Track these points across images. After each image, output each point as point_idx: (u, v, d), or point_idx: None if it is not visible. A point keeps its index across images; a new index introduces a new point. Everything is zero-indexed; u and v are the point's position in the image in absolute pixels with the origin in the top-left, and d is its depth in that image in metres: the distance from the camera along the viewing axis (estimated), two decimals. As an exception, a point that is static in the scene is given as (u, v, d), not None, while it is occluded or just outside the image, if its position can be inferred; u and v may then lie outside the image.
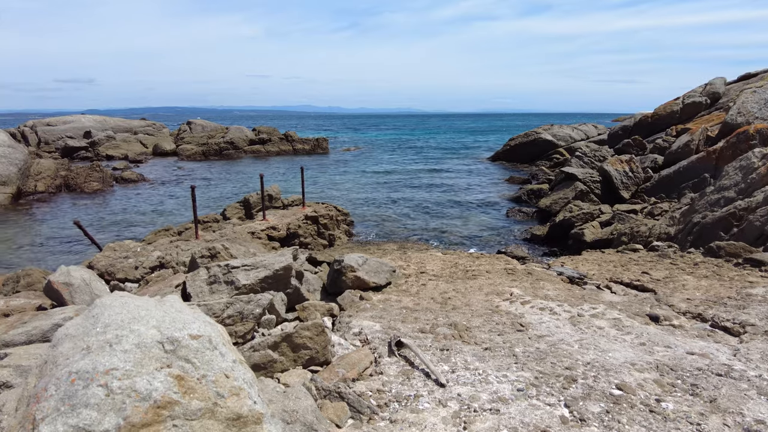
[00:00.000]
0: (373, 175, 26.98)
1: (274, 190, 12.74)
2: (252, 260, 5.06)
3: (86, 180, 21.36)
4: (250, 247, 7.55)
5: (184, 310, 2.19)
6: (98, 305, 2.41)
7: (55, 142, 35.48)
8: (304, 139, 40.58)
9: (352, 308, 5.36)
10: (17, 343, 4.56)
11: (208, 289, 4.83)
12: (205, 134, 40.01)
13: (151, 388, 1.66)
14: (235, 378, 1.88)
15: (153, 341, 1.79)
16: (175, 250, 7.01)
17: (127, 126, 40.81)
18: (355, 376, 3.32)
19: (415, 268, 7.73)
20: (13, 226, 15.61)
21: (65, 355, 1.80)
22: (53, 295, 5.69)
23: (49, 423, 1.51)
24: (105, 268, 6.29)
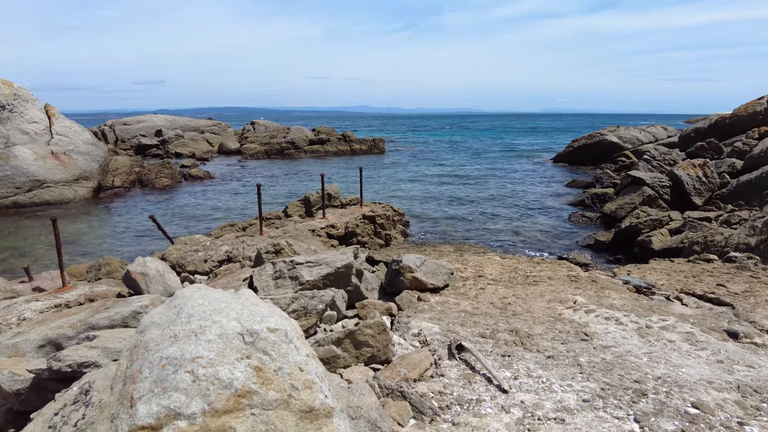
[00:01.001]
0: (429, 175, 26.91)
1: (333, 189, 12.99)
2: (315, 257, 5.19)
3: (157, 176, 22.66)
4: (311, 244, 7.75)
5: (260, 304, 2.29)
6: (179, 296, 2.56)
7: (130, 140, 37.89)
8: (362, 140, 41.06)
9: (410, 309, 5.38)
10: (101, 326, 4.92)
11: (274, 284, 5.01)
12: (267, 134, 41.38)
13: (232, 377, 1.75)
14: (308, 372, 1.95)
15: (234, 333, 1.89)
16: (241, 245, 7.31)
17: (195, 125, 42.89)
18: (416, 377, 3.34)
19: (472, 272, 7.65)
20: (94, 218, 16.83)
21: (155, 341, 1.94)
22: (131, 284, 6.10)
23: (145, 402, 1.63)
24: (176, 260, 6.66)
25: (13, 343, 4.72)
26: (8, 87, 19.47)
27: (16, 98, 19.32)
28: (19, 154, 18.14)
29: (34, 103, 20.12)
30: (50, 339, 4.81)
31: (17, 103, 19.27)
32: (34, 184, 18.14)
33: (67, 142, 20.00)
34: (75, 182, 19.29)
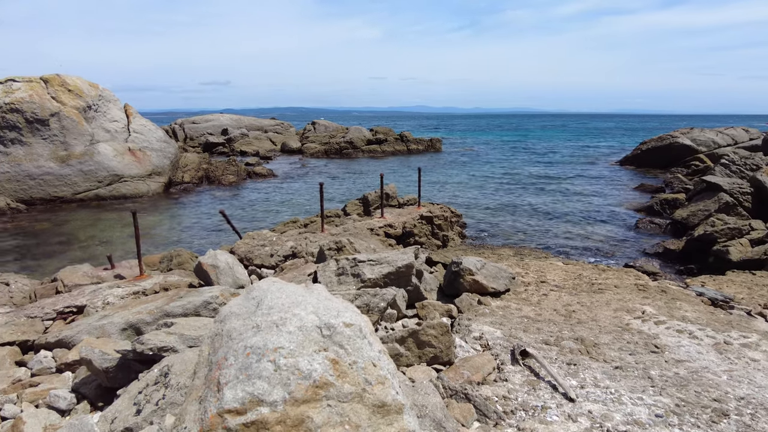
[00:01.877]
0: (487, 176, 26.50)
1: (391, 189, 13.09)
2: (376, 256, 5.27)
3: (224, 173, 23.70)
4: (370, 242, 7.85)
5: (333, 299, 2.37)
6: (257, 288, 2.69)
7: (198, 138, 39.84)
8: (418, 139, 41.04)
9: (470, 312, 5.35)
10: (176, 314, 5.24)
11: (337, 280, 5.13)
12: (327, 134, 42.25)
13: (311, 369, 1.83)
14: (381, 367, 2.00)
15: (312, 326, 1.97)
16: (304, 241, 7.53)
17: (259, 125, 44.47)
18: (480, 380, 3.32)
19: (534, 277, 7.48)
20: (165, 211, 17.86)
21: (238, 330, 2.05)
22: (202, 275, 6.44)
23: (231, 388, 1.74)
24: (244, 254, 6.97)
25: (100, 325, 5.12)
26: (94, 88, 21.02)
27: (100, 99, 20.83)
28: (101, 150, 19.54)
29: (116, 103, 21.60)
30: (131, 323, 5.18)
31: (101, 103, 20.77)
32: (113, 179, 19.49)
33: (143, 139, 21.33)
34: (148, 177, 20.54)
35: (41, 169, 18.38)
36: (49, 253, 12.88)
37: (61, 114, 18.93)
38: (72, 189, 18.73)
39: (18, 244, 13.89)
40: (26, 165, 18.22)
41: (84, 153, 19.15)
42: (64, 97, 19.61)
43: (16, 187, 18.00)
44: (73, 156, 18.94)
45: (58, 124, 18.83)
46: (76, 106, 19.65)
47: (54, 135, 18.77)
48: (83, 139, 19.30)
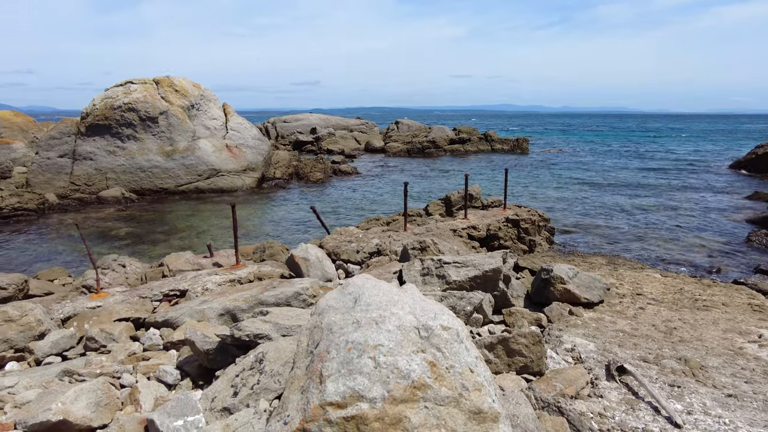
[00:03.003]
0: (577, 179, 25.23)
1: (475, 190, 12.87)
2: (462, 258, 5.21)
3: (311, 170, 24.61)
4: (453, 244, 7.78)
5: (427, 300, 2.36)
6: (352, 284, 2.76)
7: (288, 136, 41.70)
8: (504, 139, 40.01)
9: (560, 322, 5.12)
10: (269, 303, 5.52)
11: (422, 280, 5.14)
12: (410, 133, 42.46)
13: (409, 369, 1.84)
14: (478, 374, 1.97)
15: (411, 326, 1.98)
16: (388, 239, 7.62)
17: (345, 124, 45.67)
18: (573, 394, 3.17)
19: (629, 288, 7.02)
20: (257, 205, 18.89)
21: (338, 324, 2.11)
22: (293, 267, 6.73)
23: (333, 381, 1.79)
24: (332, 249, 7.19)
25: (201, 309, 5.52)
26: (197, 88, 22.71)
27: (202, 98, 22.45)
28: (201, 146, 21.07)
29: (215, 103, 23.17)
30: (228, 309, 5.53)
31: (202, 102, 22.39)
32: (211, 173, 20.93)
33: (239, 137, 22.69)
34: (243, 172, 21.82)
35: (150, 162, 20.17)
36: (154, 240, 14.10)
37: (169, 112, 20.65)
38: (175, 181, 20.38)
39: (129, 230, 15.36)
40: (138, 158, 20.09)
41: (186, 148, 20.75)
42: (171, 96, 21.38)
43: (130, 179, 19.91)
44: (177, 151, 20.59)
45: (165, 121, 20.56)
46: (181, 105, 21.35)
47: (162, 131, 20.53)
48: (186, 135, 20.92)
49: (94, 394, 3.57)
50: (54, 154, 19.72)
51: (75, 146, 19.80)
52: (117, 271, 7.47)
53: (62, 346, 5.30)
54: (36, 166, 19.56)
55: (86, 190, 19.28)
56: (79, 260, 12.22)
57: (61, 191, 19.00)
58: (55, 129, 20.47)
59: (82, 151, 19.71)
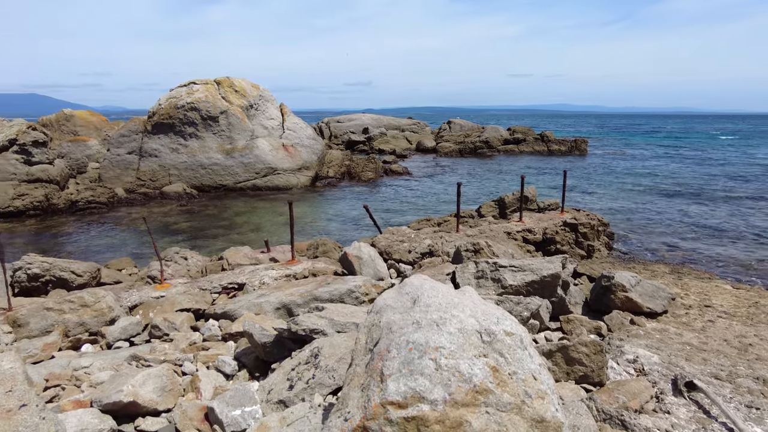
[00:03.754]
0: (640, 183, 24.08)
1: (531, 192, 12.56)
2: (519, 262, 5.09)
3: (363, 170, 24.84)
4: (508, 247, 7.62)
5: (488, 304, 2.32)
6: (408, 284, 2.75)
7: (341, 136, 42.29)
8: (561, 140, 38.80)
9: (621, 331, 4.90)
10: (323, 299, 5.62)
11: (476, 283, 5.06)
12: (462, 133, 42.01)
13: (471, 373, 1.81)
14: (541, 381, 1.91)
15: (473, 329, 1.95)
16: (440, 240, 7.57)
17: (397, 124, 45.80)
18: (637, 408, 3.02)
19: (696, 299, 6.62)
20: (310, 203, 19.28)
21: (398, 324, 2.11)
22: (346, 265, 6.81)
23: (395, 380, 1.79)
24: (384, 248, 7.23)
25: (258, 303, 5.70)
26: (256, 89, 23.44)
27: (260, 98, 23.16)
28: (259, 145, 21.73)
29: (273, 103, 23.84)
30: (284, 303, 5.67)
31: (261, 103, 23.08)
32: (268, 171, 21.55)
33: (294, 136, 23.24)
34: (298, 171, 22.33)
35: (210, 159, 21.02)
36: (213, 235, 14.68)
37: (229, 112, 21.43)
38: (234, 178, 21.13)
39: (190, 225, 16.07)
40: (199, 156, 20.99)
41: (245, 147, 21.47)
42: (231, 97, 22.18)
43: (191, 175, 20.83)
44: (236, 149, 21.34)
45: (225, 120, 21.35)
46: (240, 105, 22.11)
47: (222, 130, 21.33)
48: (245, 134, 21.64)
49: (159, 379, 3.75)
50: (123, 151, 20.94)
51: (142, 144, 20.94)
52: (179, 264, 7.83)
53: (130, 332, 5.61)
54: (107, 162, 20.84)
55: (151, 186, 20.35)
56: (144, 252, 12.91)
57: (129, 186, 20.15)
58: (124, 127, 21.74)
59: (148, 149, 20.81)
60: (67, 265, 7.42)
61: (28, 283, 7.31)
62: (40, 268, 7.29)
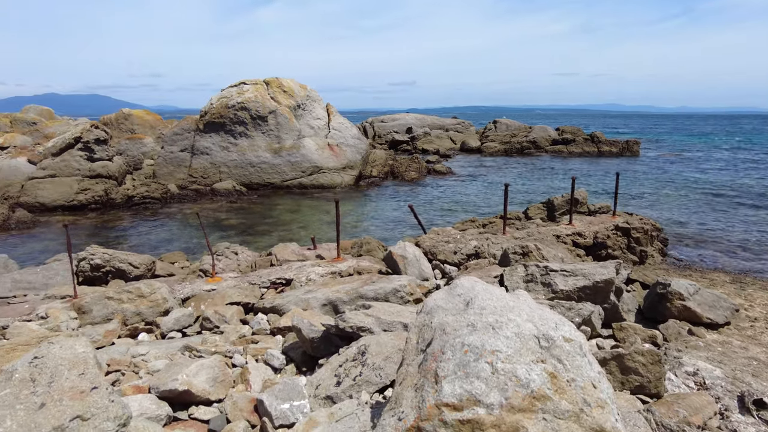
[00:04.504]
0: (696, 187, 22.92)
1: (581, 194, 12.18)
2: (570, 266, 4.95)
3: (406, 169, 24.83)
4: (557, 251, 7.42)
5: (544, 308, 2.27)
6: (459, 286, 2.72)
7: (385, 135, 42.42)
8: (612, 141, 37.46)
9: (678, 342, 4.68)
10: (368, 297, 5.65)
11: (524, 286, 4.96)
12: (508, 133, 41.28)
13: (529, 378, 1.77)
14: (601, 390, 1.85)
15: (530, 334, 1.91)
16: (486, 241, 7.46)
17: (441, 123, 45.51)
18: (700, 424, 2.88)
19: (763, 312, 6.24)
20: (354, 202, 19.44)
21: (451, 326, 2.10)
22: (391, 264, 6.83)
23: (449, 382, 1.78)
24: (429, 248, 7.20)
25: (305, 298, 5.79)
26: (303, 89, 23.86)
27: (307, 98, 23.55)
28: (306, 144, 22.11)
29: (320, 103, 24.19)
30: (330, 300, 5.74)
31: (308, 103, 23.48)
32: (314, 170, 21.90)
33: (339, 136, 23.50)
34: (342, 170, 22.57)
35: (259, 158, 21.56)
36: (261, 232, 15.06)
37: (277, 112, 21.92)
38: (281, 177, 21.60)
39: (239, 221, 16.54)
40: (249, 154, 21.57)
41: (292, 146, 21.89)
42: (280, 97, 22.67)
43: (240, 173, 21.44)
44: (284, 148, 21.80)
45: (274, 120, 21.85)
46: (288, 105, 22.56)
47: (270, 130, 21.84)
48: (292, 134, 22.07)
49: (212, 370, 3.88)
50: (176, 148, 21.79)
51: (194, 142, 21.73)
52: (230, 258, 8.07)
53: (183, 324, 5.83)
54: (161, 159, 21.75)
55: (202, 182, 21.08)
56: (195, 246, 13.40)
57: (181, 182, 20.95)
58: (177, 126, 22.62)
59: (199, 146, 21.57)
60: (125, 257, 7.80)
61: (91, 272, 7.73)
62: (101, 259, 7.69)
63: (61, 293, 7.17)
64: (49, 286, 7.82)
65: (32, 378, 2.13)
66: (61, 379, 2.14)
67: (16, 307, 6.70)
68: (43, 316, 6.10)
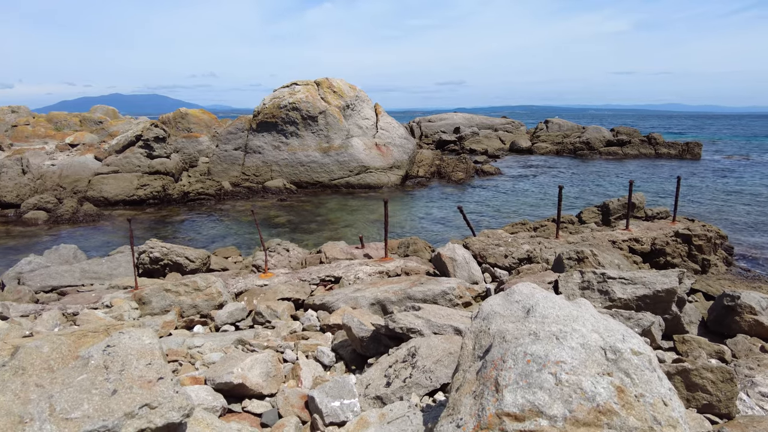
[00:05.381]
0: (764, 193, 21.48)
1: (638, 198, 11.68)
2: (630, 274, 4.74)
3: (453, 170, 24.60)
4: (614, 257, 7.14)
5: (609, 319, 2.18)
6: (517, 292, 2.66)
7: (432, 135, 42.21)
8: (671, 143, 35.70)
9: (749, 359, 4.38)
10: (416, 298, 5.63)
11: (580, 293, 4.80)
12: (560, 133, 40.13)
13: (595, 391, 1.70)
14: (672, 408, 1.75)
15: (596, 345, 1.84)
16: (538, 246, 7.28)
17: (490, 123, 44.81)
18: (776, 449, 2.68)
19: (843, 329, 5.75)
20: (400, 202, 19.45)
21: (512, 333, 2.05)
22: (439, 265, 6.78)
23: (511, 391, 1.74)
24: (478, 250, 7.10)
25: (354, 297, 5.84)
26: (352, 90, 24.09)
27: (356, 99, 23.77)
28: (354, 144, 22.32)
29: (368, 103, 24.36)
30: (379, 300, 5.76)
31: (357, 103, 23.69)
32: (361, 169, 22.08)
33: (387, 135, 23.57)
34: (389, 170, 22.63)
35: (309, 157, 21.95)
36: (310, 230, 15.32)
37: (327, 112, 22.24)
38: (329, 176, 21.91)
39: (288, 219, 16.91)
40: (299, 153, 22.00)
41: (341, 146, 22.16)
42: (330, 97, 22.99)
43: (291, 171, 21.90)
44: (332, 148, 22.09)
45: (324, 120, 22.18)
46: (338, 105, 22.85)
47: (320, 129, 22.19)
48: (341, 134, 22.33)
49: (265, 365, 3.98)
50: (230, 147, 22.51)
51: (247, 140, 22.38)
52: (281, 255, 8.26)
53: (236, 317, 6.01)
54: (216, 157, 22.53)
55: (254, 180, 21.69)
56: (246, 242, 13.79)
57: (234, 180, 21.63)
58: (232, 125, 23.36)
59: (252, 145, 22.20)
60: (182, 251, 8.13)
61: (150, 265, 8.10)
62: (160, 252, 8.05)
63: (124, 284, 7.56)
64: (112, 277, 8.27)
65: (105, 365, 2.24)
66: (130, 367, 2.25)
67: (84, 295, 7.12)
68: (108, 305, 6.45)
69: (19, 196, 17.69)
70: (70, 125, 29.69)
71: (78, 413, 2.02)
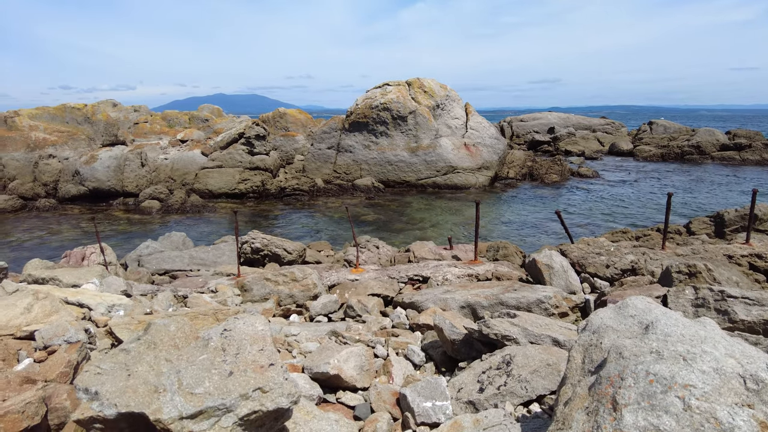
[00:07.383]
0: None
1: (761, 209, 10.47)
2: (756, 294, 4.26)
3: (547, 172, 23.62)
4: (732, 273, 6.46)
5: (744, 343, 1.97)
6: (631, 306, 2.49)
7: (524, 135, 40.83)
8: (802, 149, 31.59)
9: None
10: (509, 305, 5.48)
11: (693, 311, 4.40)
12: (666, 135, 37.08)
13: (732, 423, 1.55)
14: (827, 452, 1.54)
15: (733, 372, 1.67)
16: (642, 256, 6.77)
17: (587, 124, 42.44)
18: None
19: None
20: (490, 204, 19.04)
21: (630, 350, 1.92)
22: (533, 272, 6.54)
23: (632, 412, 1.63)
24: (577, 259, 6.76)
25: (444, 298, 5.81)
26: (443, 89, 23.97)
27: (447, 98, 23.62)
28: (442, 144, 22.21)
29: (458, 103, 24.11)
30: (469, 303, 5.68)
31: (447, 102, 23.53)
32: (448, 169, 21.91)
33: (477, 135, 23.18)
34: (477, 170, 22.24)
35: (397, 156, 22.18)
36: (396, 229, 15.48)
37: (417, 112, 22.32)
38: (416, 175, 21.99)
39: (376, 217, 17.21)
40: (387, 153, 22.31)
41: (429, 145, 22.14)
42: (420, 97, 23.05)
43: (379, 170, 22.27)
44: (421, 148, 22.13)
45: (413, 120, 22.29)
46: (428, 105, 22.84)
47: (409, 129, 22.32)
48: (430, 133, 22.31)
49: (359, 358, 4.07)
50: (324, 145, 23.36)
51: (339, 140, 23.09)
52: (372, 251, 8.43)
53: (329, 309, 6.22)
54: (310, 155, 23.49)
55: (345, 178, 22.33)
56: (337, 237, 14.24)
57: (327, 177, 22.42)
58: (326, 125, 24.22)
59: (344, 144, 22.86)
60: (281, 243, 8.57)
61: (251, 255, 8.63)
62: (261, 243, 8.55)
63: (227, 271, 8.12)
64: (217, 264, 8.92)
65: (223, 348, 2.41)
66: (245, 352, 2.40)
67: (192, 279, 7.75)
68: (213, 290, 6.97)
69: (138, 186, 19.66)
70: (180, 122, 32.46)
71: (201, 389, 2.19)
